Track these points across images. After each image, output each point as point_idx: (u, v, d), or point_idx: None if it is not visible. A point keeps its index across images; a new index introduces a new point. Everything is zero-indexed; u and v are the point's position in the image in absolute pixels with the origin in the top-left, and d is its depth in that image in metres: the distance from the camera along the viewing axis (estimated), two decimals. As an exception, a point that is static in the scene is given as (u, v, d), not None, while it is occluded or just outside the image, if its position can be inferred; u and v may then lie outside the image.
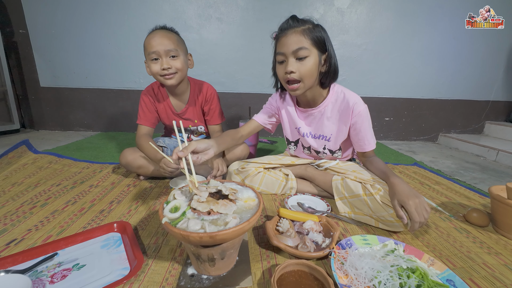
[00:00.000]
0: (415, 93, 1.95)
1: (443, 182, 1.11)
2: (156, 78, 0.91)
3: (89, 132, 1.93)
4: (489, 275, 0.54)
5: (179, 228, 0.41)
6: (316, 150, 0.90)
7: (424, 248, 0.63)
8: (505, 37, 1.83)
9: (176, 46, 0.89)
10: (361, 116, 0.78)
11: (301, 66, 0.71)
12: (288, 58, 0.71)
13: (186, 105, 1.04)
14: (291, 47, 0.70)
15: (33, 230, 0.64)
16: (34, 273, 0.49)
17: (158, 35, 0.87)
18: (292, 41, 0.69)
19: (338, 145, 0.87)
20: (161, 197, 0.85)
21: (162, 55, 0.86)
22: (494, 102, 2.00)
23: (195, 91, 1.04)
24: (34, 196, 0.82)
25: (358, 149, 0.85)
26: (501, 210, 0.70)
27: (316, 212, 0.75)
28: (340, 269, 0.50)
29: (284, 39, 0.71)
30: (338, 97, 0.81)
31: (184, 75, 0.95)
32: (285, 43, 0.71)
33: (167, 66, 0.87)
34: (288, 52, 0.70)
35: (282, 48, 0.72)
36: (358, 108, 0.78)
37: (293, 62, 0.71)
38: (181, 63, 0.90)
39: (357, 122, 0.79)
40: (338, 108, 0.82)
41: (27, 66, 1.79)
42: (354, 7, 1.74)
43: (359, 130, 0.80)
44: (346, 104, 0.79)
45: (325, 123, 0.84)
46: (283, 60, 0.74)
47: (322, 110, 0.84)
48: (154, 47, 0.85)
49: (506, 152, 1.50)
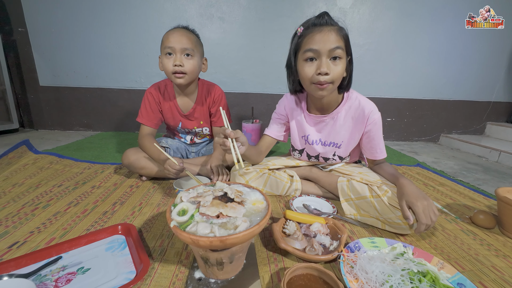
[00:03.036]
0: (417, 93, 1.95)
1: (447, 183, 1.11)
2: (167, 74, 0.90)
3: (89, 131, 1.91)
4: (499, 278, 0.54)
5: (189, 232, 0.40)
6: (325, 157, 0.88)
7: (432, 250, 0.62)
8: (507, 37, 1.83)
9: (193, 46, 0.88)
10: (376, 124, 0.77)
11: (334, 67, 0.67)
12: (321, 56, 0.67)
13: (193, 106, 1.03)
14: (328, 45, 0.65)
15: (36, 232, 0.63)
16: (38, 277, 0.48)
17: (178, 32, 0.87)
18: (329, 39, 0.65)
19: (348, 151, 0.85)
20: (165, 198, 0.85)
21: (177, 52, 0.86)
22: (495, 103, 2.00)
23: (203, 92, 1.03)
24: (36, 197, 0.81)
25: (369, 156, 0.84)
26: (508, 212, 0.69)
27: (322, 214, 0.75)
28: (350, 273, 0.50)
29: (319, 35, 0.66)
30: (353, 104, 0.79)
31: (194, 78, 0.95)
32: (320, 40, 0.66)
33: (179, 63, 0.86)
34: (324, 50, 0.66)
35: (316, 44, 0.66)
36: (373, 116, 0.76)
37: (327, 62, 0.67)
38: (193, 65, 0.89)
39: (372, 130, 0.78)
40: (352, 115, 0.80)
41: (26, 65, 1.77)
42: (357, 7, 1.74)
43: (372, 138, 0.79)
44: (362, 111, 0.77)
45: (337, 130, 0.82)
46: (313, 58, 0.68)
47: (335, 116, 0.81)
48: (171, 42, 0.85)
49: (508, 153, 1.50)
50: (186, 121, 1.05)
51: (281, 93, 1.87)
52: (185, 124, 1.06)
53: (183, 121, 1.05)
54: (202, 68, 0.97)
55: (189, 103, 1.03)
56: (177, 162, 0.80)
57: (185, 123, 1.05)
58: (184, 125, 1.06)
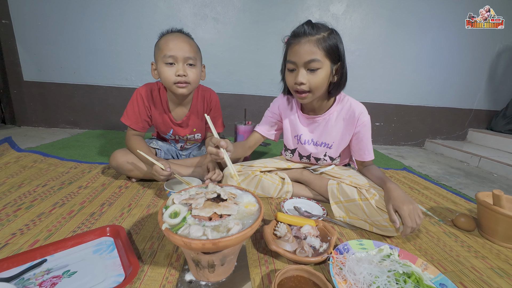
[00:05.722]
0: (405, 99, 2.02)
1: (431, 187, 1.15)
2: (167, 84, 0.84)
3: (76, 129, 1.85)
4: (478, 279, 0.56)
5: (181, 235, 0.40)
6: (316, 157, 0.90)
7: (417, 252, 0.65)
8: (490, 49, 1.93)
9: (196, 54, 0.84)
10: (365, 126, 0.80)
11: (312, 77, 0.70)
12: (299, 68, 0.70)
13: (187, 114, 0.99)
14: (303, 58, 0.67)
15: (18, 234, 0.60)
16: (21, 281, 0.46)
17: (179, 39, 0.81)
18: (304, 51, 0.67)
19: (338, 152, 0.88)
20: (155, 199, 0.83)
21: (180, 61, 0.81)
22: (477, 111, 2.11)
23: (198, 99, 0.99)
24: (18, 197, 0.78)
25: (358, 158, 0.86)
26: (487, 216, 0.73)
27: (313, 216, 0.76)
28: (339, 274, 0.51)
29: (297, 47, 0.68)
30: (344, 106, 0.82)
31: (196, 87, 0.91)
32: (297, 52, 0.68)
33: (182, 73, 0.81)
34: (300, 63, 0.68)
35: (294, 57, 0.69)
36: (363, 118, 0.80)
37: (304, 73, 0.69)
38: (196, 74, 0.85)
39: (361, 131, 0.81)
40: (343, 117, 0.82)
41: (9, 59, 1.69)
42: (349, 14, 1.78)
43: (361, 139, 0.82)
44: (352, 113, 0.80)
45: (329, 131, 0.85)
46: (293, 69, 0.72)
47: (327, 117, 0.84)
48: (172, 50, 0.79)
49: (487, 158, 1.57)
50: (178, 129, 1.01)
51: (274, 95, 1.88)
52: (177, 132, 1.01)
53: (175, 129, 1.01)
54: (201, 76, 0.92)
55: (183, 111, 0.98)
56: (164, 166, 0.78)
57: (177, 130, 1.01)
58: (175, 132, 1.01)
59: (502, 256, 0.67)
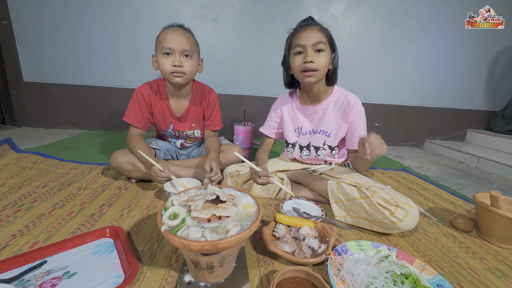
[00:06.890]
0: (404, 100, 2.02)
1: (429, 188, 1.15)
2: (164, 73, 0.89)
3: (76, 130, 1.85)
4: (475, 280, 0.57)
5: (180, 237, 0.40)
6: (316, 146, 0.93)
7: (415, 253, 0.65)
8: (487, 50, 1.94)
9: (192, 47, 0.88)
10: (359, 114, 0.86)
11: (318, 57, 0.79)
12: (307, 49, 0.78)
13: (186, 107, 1.01)
14: (311, 40, 0.77)
15: (18, 235, 0.61)
16: (21, 282, 0.47)
17: (177, 32, 0.85)
18: (312, 35, 0.78)
19: (337, 141, 0.91)
20: (154, 200, 0.84)
21: (176, 53, 0.85)
22: (475, 111, 2.11)
23: (198, 93, 1.02)
24: (18, 198, 0.78)
25: (351, 147, 0.89)
26: (484, 217, 0.74)
27: (311, 218, 0.76)
28: (337, 275, 0.51)
29: (304, 33, 0.79)
30: (340, 96, 0.89)
31: (191, 78, 0.94)
32: (305, 37, 0.78)
33: (178, 63, 0.85)
34: (308, 44, 0.78)
35: (302, 40, 0.78)
36: (357, 107, 0.86)
37: (312, 53, 0.79)
38: (192, 66, 0.89)
39: (355, 120, 0.86)
40: (340, 106, 0.89)
41: (9, 59, 1.69)
42: (348, 15, 1.78)
43: (355, 128, 0.86)
44: (347, 102, 0.87)
45: (327, 119, 0.90)
46: (301, 51, 0.80)
47: (325, 107, 0.90)
48: (170, 42, 0.84)
49: (486, 159, 1.58)
50: (177, 124, 1.03)
51: (274, 95, 1.89)
52: (176, 127, 1.04)
53: (174, 124, 1.03)
54: (198, 69, 0.96)
55: (182, 104, 1.01)
56: (162, 168, 0.80)
57: (176, 125, 1.04)
58: (175, 128, 1.04)
59: (499, 257, 0.67)
